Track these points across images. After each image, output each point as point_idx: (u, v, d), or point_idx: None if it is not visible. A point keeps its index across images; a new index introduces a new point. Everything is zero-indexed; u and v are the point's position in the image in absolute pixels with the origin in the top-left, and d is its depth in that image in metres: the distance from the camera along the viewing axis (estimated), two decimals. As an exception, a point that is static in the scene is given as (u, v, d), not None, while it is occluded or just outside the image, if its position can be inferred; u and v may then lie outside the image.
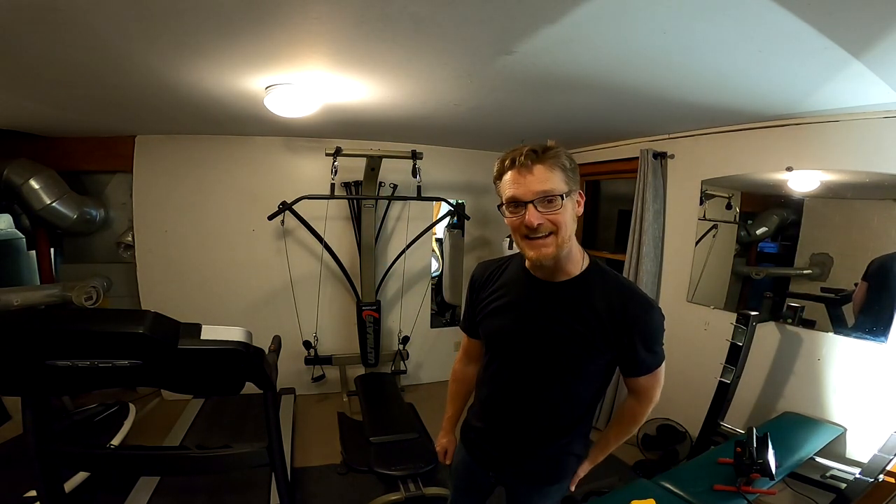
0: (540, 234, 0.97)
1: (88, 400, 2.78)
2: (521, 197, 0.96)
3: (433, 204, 3.99)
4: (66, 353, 1.07)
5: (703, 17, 1.20)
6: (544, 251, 0.98)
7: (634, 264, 2.93)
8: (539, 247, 0.98)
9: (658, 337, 1.06)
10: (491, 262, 1.26)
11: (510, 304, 1.13)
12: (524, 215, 0.96)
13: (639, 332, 1.02)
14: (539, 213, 0.95)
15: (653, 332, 1.04)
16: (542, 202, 0.95)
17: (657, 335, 1.05)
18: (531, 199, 0.95)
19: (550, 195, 0.95)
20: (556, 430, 1.15)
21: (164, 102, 2.30)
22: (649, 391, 1.12)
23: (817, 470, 1.93)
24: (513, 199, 0.98)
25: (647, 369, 1.08)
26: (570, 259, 1.05)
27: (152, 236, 3.29)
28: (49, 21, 1.29)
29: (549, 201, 0.95)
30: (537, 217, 0.95)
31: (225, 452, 1.41)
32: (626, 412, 1.19)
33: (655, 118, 2.53)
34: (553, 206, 0.96)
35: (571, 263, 1.05)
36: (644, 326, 1.02)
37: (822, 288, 2.26)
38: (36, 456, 1.26)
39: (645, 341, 1.03)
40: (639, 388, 1.12)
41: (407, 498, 2.23)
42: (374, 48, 1.52)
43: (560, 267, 1.04)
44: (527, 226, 0.96)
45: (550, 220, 0.96)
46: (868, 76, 1.52)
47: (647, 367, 1.07)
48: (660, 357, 1.08)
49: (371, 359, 3.47)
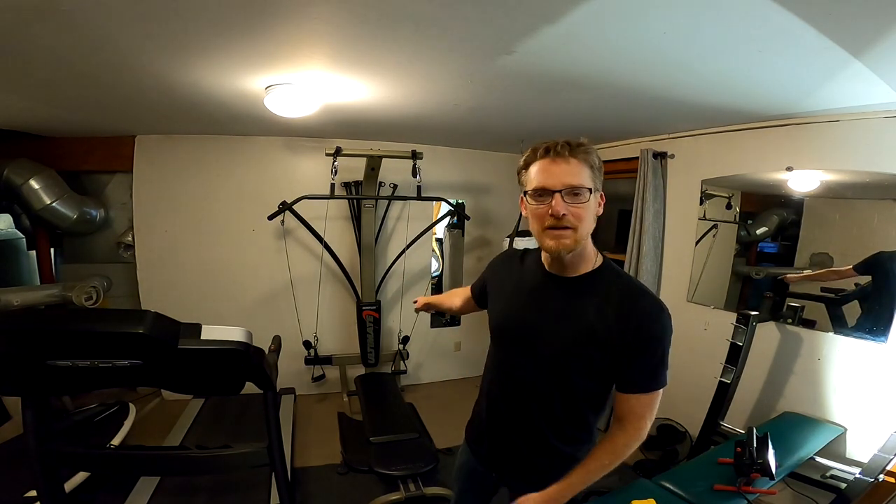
0: (563, 224, 0.98)
1: (88, 400, 2.79)
2: (551, 186, 0.98)
3: (433, 204, 3.98)
4: (66, 353, 1.07)
5: (702, 17, 1.20)
6: (564, 241, 0.99)
7: (634, 264, 2.93)
8: (559, 237, 0.99)
9: (661, 348, 1.00)
10: (514, 251, 1.29)
11: (518, 291, 1.15)
12: (550, 204, 0.98)
13: (645, 336, 0.99)
14: (565, 204, 0.97)
15: (657, 338, 1.00)
16: (569, 194, 0.97)
17: (661, 344, 1.00)
18: (559, 189, 0.97)
19: (579, 188, 0.97)
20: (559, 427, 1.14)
21: (164, 102, 2.30)
22: (637, 419, 1.03)
23: (817, 470, 1.93)
24: (541, 188, 0.99)
25: (638, 387, 1.02)
26: (583, 256, 1.06)
27: (152, 236, 3.29)
28: (50, 21, 1.29)
29: (576, 194, 0.97)
30: (563, 207, 0.97)
31: (225, 452, 1.41)
32: (605, 441, 1.07)
33: (655, 118, 2.53)
34: (579, 199, 0.98)
35: (584, 261, 1.07)
36: (651, 332, 0.99)
37: (822, 288, 2.26)
38: (36, 456, 1.26)
39: (648, 350, 0.99)
40: (627, 411, 1.04)
41: (407, 498, 2.23)
42: (374, 48, 1.52)
43: (574, 263, 1.06)
44: (552, 214, 0.97)
45: (574, 214, 0.98)
46: (868, 76, 1.52)
47: (639, 383, 1.02)
48: (659, 380, 1.01)
49: (371, 359, 3.47)
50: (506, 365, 1.18)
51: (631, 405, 1.04)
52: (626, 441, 1.05)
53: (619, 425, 1.07)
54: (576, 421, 1.14)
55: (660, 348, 1.01)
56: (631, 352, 1.00)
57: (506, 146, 3.68)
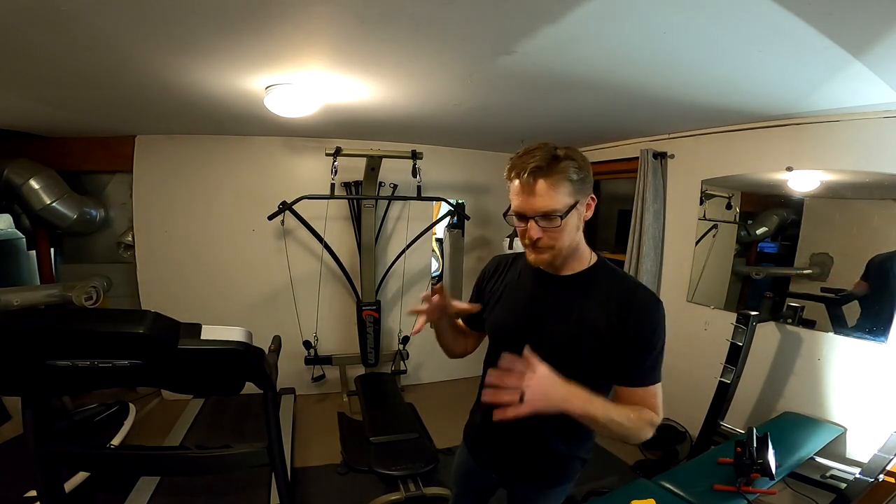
0: (538, 245, 1.02)
1: (88, 400, 2.79)
2: (525, 212, 1.00)
3: (433, 204, 3.99)
4: (66, 353, 1.07)
5: (703, 17, 1.21)
6: (542, 257, 1.04)
7: (634, 264, 2.93)
8: (539, 253, 1.04)
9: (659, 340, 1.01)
10: (505, 256, 1.30)
11: (514, 293, 1.17)
12: (526, 227, 1.02)
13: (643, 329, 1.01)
14: (539, 229, 1.00)
15: (655, 331, 1.01)
16: (542, 219, 0.99)
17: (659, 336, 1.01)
18: (532, 216, 0.99)
19: (551, 214, 0.98)
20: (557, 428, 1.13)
21: (165, 102, 2.30)
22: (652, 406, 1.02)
23: (817, 470, 1.93)
24: (518, 212, 1.02)
25: (642, 380, 1.03)
26: (576, 256, 1.08)
27: (152, 236, 3.29)
28: (50, 21, 1.29)
29: (549, 219, 0.99)
30: (538, 232, 1.00)
31: (225, 452, 1.41)
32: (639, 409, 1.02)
33: (655, 118, 2.54)
34: (553, 223, 0.99)
35: (578, 260, 1.09)
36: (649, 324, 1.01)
37: (822, 288, 2.26)
38: (36, 456, 1.26)
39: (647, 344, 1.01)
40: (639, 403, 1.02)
41: (407, 498, 2.23)
42: (374, 48, 1.52)
43: (567, 263, 1.08)
44: (528, 237, 1.02)
45: (549, 236, 1.00)
46: (868, 76, 1.52)
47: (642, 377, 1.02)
48: (660, 371, 1.03)
49: (371, 359, 3.47)
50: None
51: (640, 396, 1.03)
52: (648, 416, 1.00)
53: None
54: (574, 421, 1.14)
55: (660, 340, 1.03)
56: (634, 345, 1.01)
57: (506, 146, 3.68)
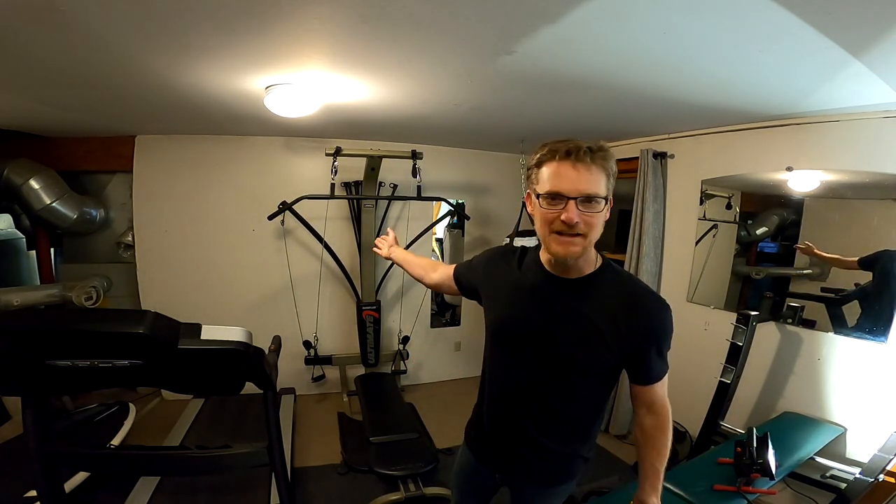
0: (574, 231, 0.96)
1: (88, 400, 2.78)
2: (566, 192, 0.94)
3: (433, 204, 3.98)
4: (66, 353, 1.07)
5: (702, 17, 1.20)
6: (572, 249, 0.97)
7: (634, 264, 2.93)
8: (568, 244, 0.97)
9: (668, 341, 1.05)
10: (508, 250, 1.26)
11: (520, 293, 1.13)
12: (562, 209, 0.95)
13: (652, 334, 1.02)
14: (579, 212, 0.94)
15: (665, 334, 1.04)
16: (584, 202, 0.94)
17: (668, 338, 1.04)
18: (575, 197, 0.94)
19: (595, 197, 0.95)
20: (560, 428, 1.14)
21: (165, 102, 2.30)
22: (662, 400, 1.09)
23: (817, 470, 1.93)
24: (555, 193, 0.95)
25: (657, 377, 1.07)
26: (586, 259, 1.05)
27: (152, 236, 3.29)
28: (49, 21, 1.29)
29: (591, 203, 0.95)
30: (577, 215, 0.94)
31: (225, 452, 1.41)
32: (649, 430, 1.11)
33: (655, 118, 2.53)
34: (594, 208, 0.95)
35: (586, 263, 1.06)
36: (658, 329, 1.03)
37: (822, 288, 2.26)
38: (36, 456, 1.26)
39: (658, 345, 1.03)
40: (651, 399, 1.09)
41: (407, 498, 2.23)
42: (374, 48, 1.52)
43: (577, 265, 1.05)
44: (564, 221, 0.94)
45: (586, 222, 0.95)
46: (868, 76, 1.53)
47: (657, 374, 1.06)
48: (667, 365, 1.07)
49: (371, 359, 3.47)
50: (507, 366, 1.17)
51: (654, 393, 1.09)
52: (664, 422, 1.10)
53: (649, 411, 1.11)
54: (577, 421, 1.15)
55: (668, 341, 1.05)
56: (644, 350, 1.03)
57: (506, 146, 3.68)
